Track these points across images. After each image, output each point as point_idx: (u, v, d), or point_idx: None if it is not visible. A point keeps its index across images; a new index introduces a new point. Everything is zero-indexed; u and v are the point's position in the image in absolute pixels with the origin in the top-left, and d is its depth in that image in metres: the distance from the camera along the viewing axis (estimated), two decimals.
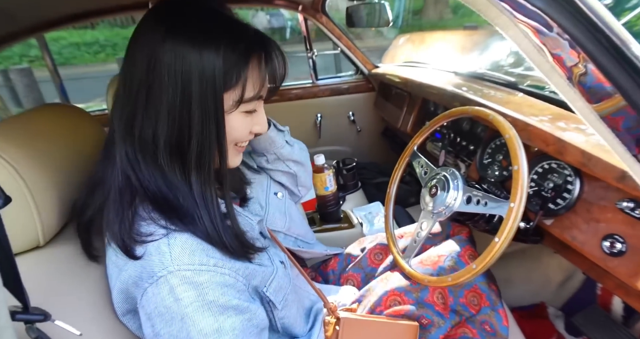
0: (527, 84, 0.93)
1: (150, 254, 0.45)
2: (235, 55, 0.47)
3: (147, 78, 0.46)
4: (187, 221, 0.47)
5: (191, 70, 0.45)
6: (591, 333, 0.95)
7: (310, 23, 1.55)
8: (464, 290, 0.76)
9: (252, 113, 0.53)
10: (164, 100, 0.46)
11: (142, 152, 0.48)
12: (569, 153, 0.63)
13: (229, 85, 0.47)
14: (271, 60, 0.51)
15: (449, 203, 0.71)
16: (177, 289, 0.43)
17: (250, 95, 0.50)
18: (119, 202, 0.47)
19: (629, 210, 0.57)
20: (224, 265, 0.47)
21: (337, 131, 1.75)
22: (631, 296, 0.63)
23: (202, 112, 0.47)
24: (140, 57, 0.47)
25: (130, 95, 0.47)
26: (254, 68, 0.49)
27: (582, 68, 0.39)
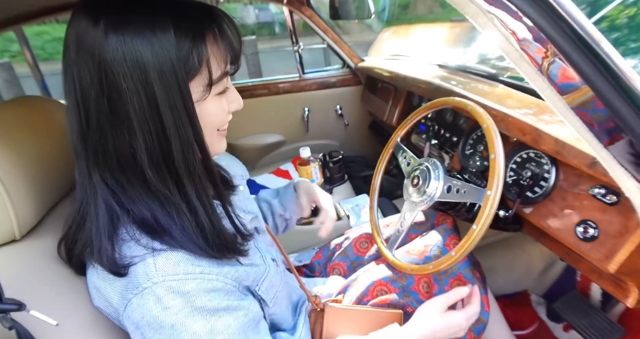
0: (507, 76, 0.95)
1: (135, 266, 0.43)
2: (189, 36, 0.42)
3: (102, 91, 0.41)
4: (180, 237, 0.45)
5: (146, 68, 0.40)
6: (570, 318, 0.98)
7: (296, 17, 1.54)
8: (449, 278, 0.78)
9: (224, 93, 0.50)
10: (130, 110, 0.41)
11: (125, 173, 0.44)
12: (544, 141, 0.64)
13: (193, 72, 0.43)
14: (225, 31, 0.46)
15: (430, 192, 0.72)
16: (163, 299, 0.42)
17: (217, 74, 0.46)
18: (102, 230, 0.44)
19: (601, 196, 0.59)
20: (210, 271, 0.45)
21: (325, 125, 1.75)
22: (604, 280, 0.65)
23: (172, 111, 0.42)
24: (84, 68, 0.41)
25: (89, 117, 0.42)
26: (212, 45, 0.45)
27: (551, 58, 0.41)
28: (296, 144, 1.75)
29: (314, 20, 1.50)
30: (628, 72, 0.39)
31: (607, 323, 0.92)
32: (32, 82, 1.59)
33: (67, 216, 0.54)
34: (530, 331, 1.09)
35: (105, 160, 0.44)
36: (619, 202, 0.57)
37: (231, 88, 0.52)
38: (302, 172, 1.10)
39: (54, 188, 0.54)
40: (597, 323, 0.93)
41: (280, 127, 1.71)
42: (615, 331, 0.90)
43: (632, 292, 0.59)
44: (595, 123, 0.44)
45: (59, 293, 0.45)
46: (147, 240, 0.44)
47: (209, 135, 0.49)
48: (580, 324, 0.95)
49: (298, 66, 1.64)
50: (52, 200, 0.54)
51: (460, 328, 0.66)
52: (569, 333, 1.05)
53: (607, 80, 0.40)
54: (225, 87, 0.49)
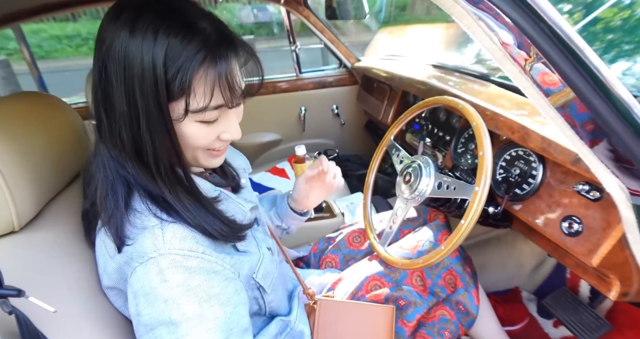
0: (498, 76, 0.97)
1: (144, 237, 0.46)
2: (179, 63, 0.41)
3: (100, 80, 0.44)
4: (178, 213, 0.48)
5: (133, 74, 0.42)
6: (559, 314, 1.00)
7: (294, 17, 1.56)
8: (441, 273, 0.80)
9: (213, 122, 0.48)
10: (115, 104, 0.44)
11: (122, 154, 0.47)
12: (532, 139, 0.66)
13: (173, 96, 0.43)
14: (228, 67, 0.44)
15: (421, 189, 0.74)
16: (166, 271, 0.44)
17: (196, 107, 0.44)
18: (112, 197, 0.47)
19: (585, 193, 0.60)
20: (211, 253, 0.48)
21: (321, 124, 1.77)
22: (588, 274, 0.67)
23: (148, 121, 0.44)
24: (97, 54, 0.45)
25: (96, 100, 0.46)
26: (201, 77, 0.43)
27: (534, 59, 0.42)
28: (293, 143, 1.77)
29: (311, 21, 1.51)
30: (606, 73, 0.41)
31: (594, 318, 0.94)
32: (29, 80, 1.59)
33: (65, 208, 0.55)
34: (521, 327, 1.11)
35: (110, 139, 0.47)
36: (602, 198, 0.59)
37: (227, 119, 0.50)
38: (297, 170, 1.12)
39: (52, 181, 0.55)
40: (585, 319, 0.95)
41: (277, 125, 1.72)
42: (602, 326, 0.92)
43: (615, 285, 0.61)
44: (577, 123, 0.46)
45: (58, 282, 0.47)
46: (156, 210, 0.47)
47: (190, 150, 0.50)
48: (568, 319, 0.97)
49: (295, 65, 1.66)
50: (51, 192, 0.55)
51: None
52: (559, 328, 1.07)
53: (587, 81, 0.41)
54: (215, 117, 0.47)
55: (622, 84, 0.42)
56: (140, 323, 0.44)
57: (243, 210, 0.58)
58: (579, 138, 0.46)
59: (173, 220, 0.47)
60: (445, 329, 0.76)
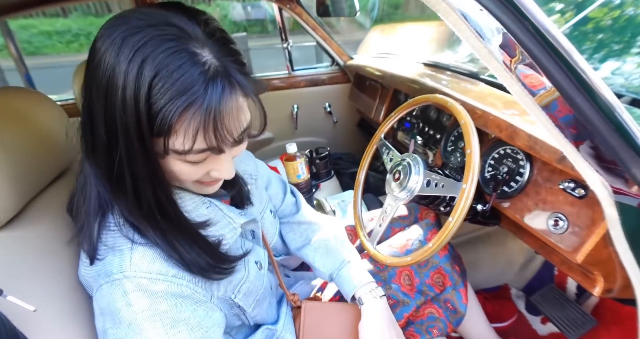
0: (487, 74, 0.97)
1: (113, 255, 0.44)
2: (163, 100, 0.36)
3: (86, 97, 0.41)
4: (152, 237, 0.45)
5: (115, 104, 0.37)
6: (547, 311, 1.01)
7: (286, 14, 1.55)
8: (429, 272, 0.80)
9: (200, 162, 0.43)
10: (98, 131, 0.40)
11: (101, 173, 0.44)
12: (519, 137, 0.66)
13: (154, 133, 0.38)
14: (221, 111, 0.39)
15: (411, 187, 0.74)
16: (130, 294, 0.42)
17: (179, 148, 0.40)
18: (85, 210, 0.45)
19: (570, 190, 0.61)
20: (183, 277, 0.45)
21: (314, 122, 1.76)
22: (574, 271, 0.68)
23: (129, 154, 0.39)
24: (87, 69, 0.41)
25: (82, 109, 0.42)
26: (184, 121, 0.38)
27: (519, 57, 0.43)
28: (285, 141, 1.76)
29: (303, 18, 1.51)
30: (590, 73, 0.41)
31: (580, 314, 0.95)
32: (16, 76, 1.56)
33: (47, 206, 0.54)
34: (509, 324, 1.12)
35: (93, 157, 0.44)
36: (587, 196, 0.59)
37: (216, 159, 0.45)
38: (288, 167, 1.11)
39: (35, 179, 0.54)
40: (572, 315, 0.96)
41: (269, 123, 1.70)
42: (588, 322, 0.93)
43: (599, 282, 0.62)
44: (561, 124, 0.46)
45: (38, 281, 0.46)
46: (129, 231, 0.45)
47: (176, 182, 0.47)
48: (555, 316, 0.98)
49: (287, 63, 1.65)
50: (33, 190, 0.54)
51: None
52: (546, 325, 1.08)
53: (571, 80, 0.42)
54: (201, 159, 0.43)
55: (605, 84, 0.43)
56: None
57: (232, 226, 0.54)
58: (564, 136, 0.46)
59: (145, 242, 0.44)
60: (433, 327, 0.76)
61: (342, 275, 0.70)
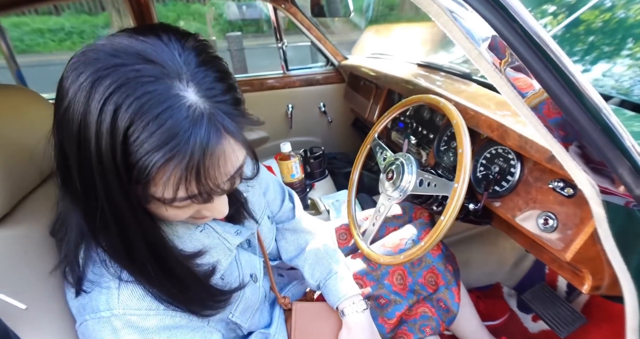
0: (480, 75, 0.98)
1: (99, 291, 0.41)
2: (141, 151, 0.32)
3: (57, 129, 0.36)
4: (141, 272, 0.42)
5: (89, 145, 0.33)
6: (537, 308, 1.02)
7: (281, 14, 1.55)
8: (422, 271, 0.81)
9: (184, 207, 0.40)
10: (73, 181, 0.36)
11: (78, 211, 0.40)
12: (510, 137, 0.67)
13: (134, 181, 0.34)
14: (207, 162, 0.35)
15: (404, 186, 0.75)
16: (120, 331, 0.40)
17: (161, 197, 0.36)
18: (67, 243, 0.42)
19: (559, 189, 0.62)
20: (175, 308, 0.44)
21: (308, 121, 1.77)
22: (563, 269, 0.69)
23: (110, 203, 0.35)
24: (55, 111, 0.36)
25: (54, 146, 0.38)
26: (164, 174, 0.34)
27: (508, 59, 0.43)
28: (279, 140, 1.76)
29: (298, 18, 1.51)
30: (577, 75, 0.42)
31: (570, 312, 0.97)
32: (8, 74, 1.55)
33: (39, 205, 0.54)
34: (501, 322, 1.13)
35: (69, 193, 0.40)
36: (575, 195, 0.60)
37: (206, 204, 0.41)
38: (282, 167, 1.12)
39: (25, 178, 0.54)
40: (562, 313, 0.98)
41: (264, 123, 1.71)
42: (578, 319, 0.95)
43: (587, 279, 0.63)
44: (551, 124, 0.47)
45: (29, 280, 0.46)
46: (115, 269, 0.42)
47: (168, 223, 0.45)
48: (546, 313, 0.99)
49: (282, 63, 1.65)
50: (24, 189, 0.54)
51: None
52: (537, 322, 1.09)
53: (559, 82, 0.42)
54: (188, 204, 0.39)
55: (593, 86, 0.43)
56: None
57: (227, 248, 0.52)
58: (552, 136, 0.47)
59: (133, 280, 0.42)
60: (426, 325, 0.77)
61: (328, 286, 0.69)
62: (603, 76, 1.14)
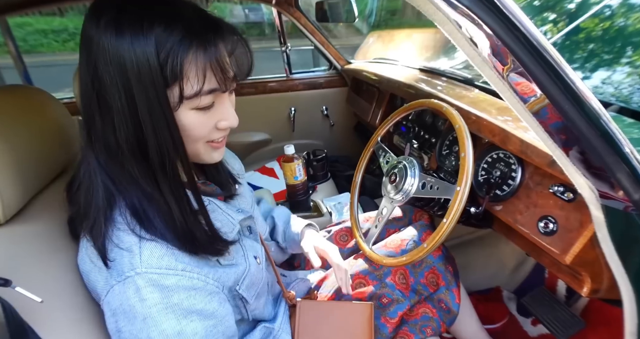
0: (482, 81, 1.00)
1: (122, 255, 0.45)
2: (167, 48, 0.42)
3: (93, 83, 0.44)
4: (162, 229, 0.47)
5: (127, 67, 0.42)
6: (537, 312, 1.03)
7: (285, 18, 1.57)
8: (424, 271, 0.82)
9: (209, 109, 0.48)
10: (112, 104, 0.43)
11: (112, 160, 0.46)
12: (511, 142, 0.69)
13: (168, 81, 0.43)
14: (217, 50, 0.44)
15: (406, 189, 0.76)
16: (143, 290, 0.44)
17: (190, 92, 0.44)
18: (95, 208, 0.47)
19: (560, 194, 0.63)
20: (192, 270, 0.47)
21: (311, 125, 1.78)
22: (562, 272, 0.70)
23: (149, 111, 0.43)
24: (84, 59, 0.44)
25: (86, 102, 0.45)
26: (191, 60, 0.43)
27: (511, 66, 0.45)
28: (282, 143, 1.78)
29: (302, 22, 1.53)
30: (577, 81, 0.43)
31: (569, 316, 0.98)
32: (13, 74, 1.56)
33: (51, 202, 0.55)
34: (501, 325, 1.14)
35: (96, 144, 0.46)
36: (575, 199, 0.61)
37: (222, 106, 0.50)
38: (285, 169, 1.13)
39: (38, 175, 0.55)
40: (561, 316, 0.99)
41: (266, 125, 1.73)
42: (576, 323, 0.95)
43: (586, 282, 0.64)
44: (552, 131, 0.48)
45: (44, 274, 0.47)
46: (137, 227, 0.46)
47: (191, 143, 0.50)
48: (545, 317, 1.00)
49: (285, 66, 1.67)
50: (37, 186, 0.55)
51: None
52: (537, 326, 1.10)
53: (560, 89, 0.44)
54: (210, 103, 0.47)
55: (592, 93, 0.45)
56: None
57: (231, 222, 0.58)
58: (552, 140, 0.49)
59: (152, 238, 0.46)
60: (427, 326, 0.78)
61: (290, 226, 0.84)
62: (602, 83, 1.16)
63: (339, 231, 0.95)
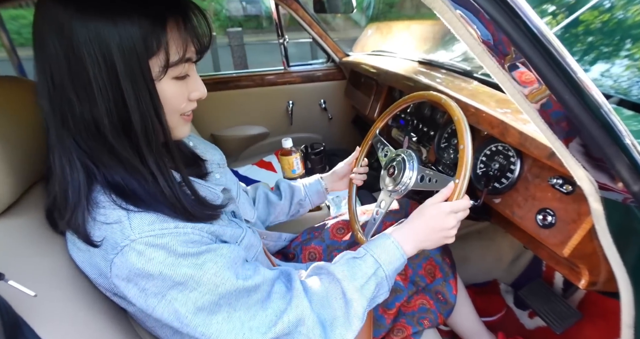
0: (481, 73, 0.99)
1: (112, 230, 0.45)
2: (149, 20, 0.44)
3: (68, 62, 0.44)
4: (149, 201, 0.47)
5: (109, 43, 0.43)
6: (534, 305, 1.04)
7: (283, 11, 1.55)
8: (421, 263, 0.82)
9: (184, 79, 0.51)
10: (92, 81, 0.44)
11: (91, 138, 0.47)
12: (510, 134, 0.68)
13: (151, 52, 0.45)
14: (190, 21, 0.48)
15: (405, 182, 0.75)
16: (145, 252, 0.44)
17: (175, 58, 0.47)
18: (73, 190, 0.46)
19: (558, 186, 0.63)
20: (185, 226, 0.48)
21: (309, 118, 1.77)
22: (560, 265, 0.70)
23: (132, 84, 0.45)
24: (52, 41, 0.43)
25: (55, 84, 0.45)
26: (172, 31, 0.46)
27: (512, 55, 0.44)
28: (280, 136, 1.77)
29: (300, 14, 1.51)
30: (578, 71, 0.43)
31: (566, 308, 0.98)
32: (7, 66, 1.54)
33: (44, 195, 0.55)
34: (498, 318, 1.15)
35: (73, 124, 0.46)
36: (574, 191, 0.61)
37: (194, 77, 0.53)
38: (283, 162, 1.12)
39: (31, 168, 0.54)
40: (558, 309, 0.99)
41: (264, 119, 1.72)
42: (573, 315, 0.96)
43: (584, 275, 0.64)
44: (552, 121, 0.48)
45: (38, 267, 0.46)
46: (122, 202, 0.46)
47: (169, 115, 0.51)
48: (542, 309, 1.01)
49: (283, 59, 1.65)
50: (29, 179, 0.55)
51: (445, 222, 0.62)
52: (534, 319, 1.11)
53: (561, 78, 0.43)
54: (185, 73, 0.50)
55: (593, 82, 0.44)
56: (149, 296, 0.45)
57: (214, 193, 0.59)
58: (552, 132, 0.48)
59: (140, 209, 0.46)
60: (424, 318, 0.78)
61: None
62: (602, 76, 1.15)
63: (335, 224, 0.94)
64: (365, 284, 0.58)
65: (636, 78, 1.09)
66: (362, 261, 0.60)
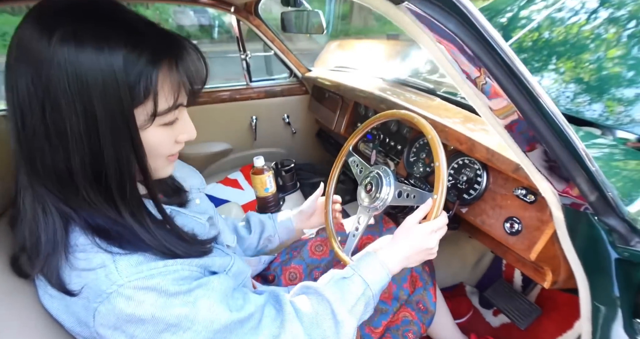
0: (443, 91, 1.06)
1: (95, 276, 0.41)
2: (139, 66, 0.40)
3: (42, 105, 0.39)
4: (137, 243, 0.45)
5: (90, 87, 0.38)
6: (499, 304, 1.12)
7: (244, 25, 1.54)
8: (406, 276, 0.84)
9: (173, 124, 0.47)
10: (67, 128, 0.39)
11: (64, 187, 0.43)
12: (478, 150, 0.74)
13: (138, 100, 0.41)
14: (185, 64, 0.44)
15: (383, 198, 0.78)
16: (134, 296, 0.41)
17: (164, 107, 0.44)
18: (47, 238, 0.42)
19: (522, 196, 0.70)
20: (174, 263, 0.46)
21: (273, 133, 1.76)
22: (526, 267, 0.76)
23: (113, 135, 0.41)
24: (26, 78, 0.39)
25: (26, 128, 0.40)
26: (164, 77, 0.42)
27: (484, 80, 0.48)
28: (244, 152, 1.74)
29: (262, 30, 1.51)
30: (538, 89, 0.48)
31: (527, 305, 1.07)
32: None
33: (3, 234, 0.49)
34: (467, 319, 1.21)
35: (43, 172, 0.42)
36: (536, 201, 0.68)
37: (183, 119, 0.49)
38: (255, 182, 1.10)
39: None
40: (520, 306, 1.08)
41: (227, 135, 1.68)
42: (534, 310, 1.05)
43: (548, 275, 0.71)
44: (517, 132, 0.53)
45: (2, 296, 0.42)
46: (105, 244, 0.43)
47: (153, 160, 0.48)
48: (507, 308, 1.09)
49: (245, 74, 1.64)
50: None
51: (429, 242, 0.66)
52: (498, 316, 1.19)
53: (524, 96, 0.48)
54: (175, 118, 0.47)
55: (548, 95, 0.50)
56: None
57: (200, 223, 0.58)
58: (519, 147, 0.53)
59: (125, 252, 0.44)
60: (408, 331, 0.80)
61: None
62: None
63: (313, 242, 0.95)
64: (355, 305, 0.59)
65: (562, 89, 1.23)
66: (350, 282, 0.61)
